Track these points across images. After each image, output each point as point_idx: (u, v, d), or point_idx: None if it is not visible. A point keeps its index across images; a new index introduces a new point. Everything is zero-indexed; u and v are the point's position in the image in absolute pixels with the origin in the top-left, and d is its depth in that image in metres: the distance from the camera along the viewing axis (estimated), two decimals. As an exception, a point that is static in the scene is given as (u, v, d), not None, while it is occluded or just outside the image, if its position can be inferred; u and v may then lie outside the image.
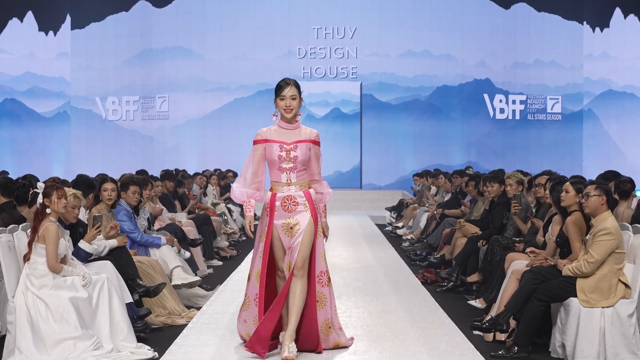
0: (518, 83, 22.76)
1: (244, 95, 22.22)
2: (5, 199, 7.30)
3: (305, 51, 22.25)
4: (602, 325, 5.55)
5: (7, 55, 22.18)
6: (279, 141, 5.56)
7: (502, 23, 22.57)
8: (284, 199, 5.56)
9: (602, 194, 5.83)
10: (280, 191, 5.58)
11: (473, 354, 5.71)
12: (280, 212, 5.55)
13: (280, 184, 5.59)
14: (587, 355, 5.52)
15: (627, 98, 22.18)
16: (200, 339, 6.16)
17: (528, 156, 21.66)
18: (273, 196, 5.58)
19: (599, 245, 5.65)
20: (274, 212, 5.56)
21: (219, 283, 8.83)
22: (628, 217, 7.33)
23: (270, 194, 5.61)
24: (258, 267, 5.61)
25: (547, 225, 7.13)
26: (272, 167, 5.59)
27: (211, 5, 22.26)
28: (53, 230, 5.71)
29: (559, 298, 5.77)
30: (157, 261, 7.54)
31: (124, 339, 5.76)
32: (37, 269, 5.68)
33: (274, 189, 5.62)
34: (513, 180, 8.66)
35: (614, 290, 5.64)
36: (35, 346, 5.42)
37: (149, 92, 22.64)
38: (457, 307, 7.54)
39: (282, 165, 5.56)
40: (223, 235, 12.24)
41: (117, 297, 5.90)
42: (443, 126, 22.39)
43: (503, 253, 7.41)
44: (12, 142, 22.18)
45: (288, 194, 5.57)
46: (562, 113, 22.81)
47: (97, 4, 22.47)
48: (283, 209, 5.55)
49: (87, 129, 22.82)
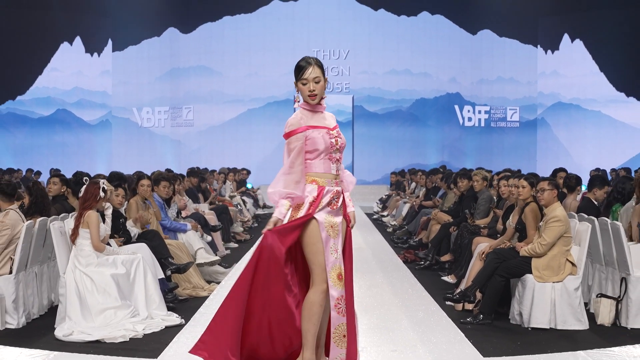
0: (483, 96, 22.77)
1: (256, 106, 22.25)
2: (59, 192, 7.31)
3: (306, 69, 22.13)
4: (552, 297, 5.55)
5: (59, 72, 22.14)
6: (322, 126, 3.93)
7: (470, 46, 22.58)
8: (333, 194, 3.90)
9: (554, 188, 5.85)
10: (329, 184, 3.89)
11: (446, 320, 5.73)
12: (325, 209, 3.86)
13: (329, 176, 3.90)
14: (540, 322, 5.53)
15: (574, 109, 22.18)
16: (220, 308, 6.17)
17: (491, 157, 21.66)
18: (321, 189, 3.86)
19: (550, 230, 5.66)
20: (317, 207, 3.83)
21: (235, 262, 8.85)
22: (574, 207, 7.33)
23: (317, 187, 3.86)
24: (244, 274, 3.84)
25: (506, 214, 7.14)
26: (318, 157, 3.89)
27: (228, 32, 22.28)
28: (95, 216, 5.75)
29: (517, 274, 5.77)
30: (183, 244, 7.56)
31: (156, 307, 5.77)
32: (83, 249, 5.70)
33: (319, 182, 3.88)
34: (479, 177, 8.66)
35: (562, 268, 5.64)
36: (82, 314, 5.42)
37: (177, 103, 22.63)
38: (433, 282, 7.54)
39: (332, 154, 3.93)
40: (238, 222, 12.26)
41: (150, 273, 5.91)
42: (421, 132, 22.42)
43: (470, 237, 7.43)
44: (63, 145, 22.16)
45: (337, 189, 3.93)
46: (520, 121, 22.83)
47: (133, 30, 22.43)
48: (329, 205, 3.87)
49: (126, 134, 22.81)
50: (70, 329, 5.26)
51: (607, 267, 6.10)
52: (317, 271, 3.80)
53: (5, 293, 5.54)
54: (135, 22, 22.25)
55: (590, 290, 6.33)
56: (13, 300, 5.57)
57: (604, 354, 4.77)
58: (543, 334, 5.39)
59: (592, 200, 7.31)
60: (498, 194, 8.21)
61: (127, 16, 22.10)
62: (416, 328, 5.45)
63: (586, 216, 6.40)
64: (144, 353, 4.77)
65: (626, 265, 5.70)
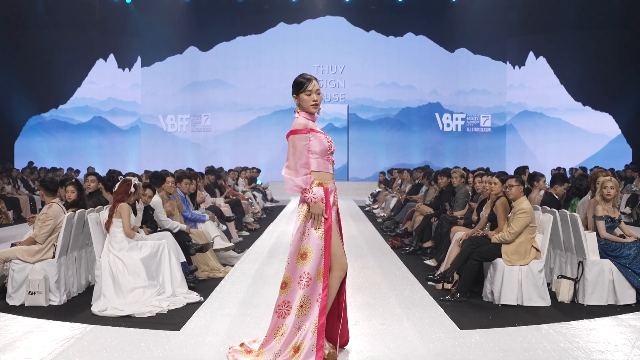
0: (460, 105, 22.73)
1: (264, 114, 22.22)
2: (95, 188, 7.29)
3: (308, 82, 22.20)
4: (519, 278, 5.55)
5: (95, 85, 22.11)
6: (320, 132, 3.84)
7: (449, 62, 22.55)
8: (333, 192, 3.88)
9: (520, 185, 5.84)
10: (329, 184, 3.83)
11: (428, 298, 5.72)
12: (331, 207, 3.83)
13: (328, 176, 3.84)
14: (508, 299, 5.52)
15: (537, 116, 22.16)
16: (234, 287, 6.17)
17: (467, 158, 21.64)
18: (326, 191, 3.78)
19: (517, 221, 5.65)
20: (329, 208, 3.80)
21: (246, 247, 8.85)
22: (538, 201, 7.33)
23: (323, 189, 3.78)
24: (320, 266, 3.72)
25: (479, 207, 7.13)
26: (319, 157, 3.78)
27: (241, 50, 22.28)
28: (126, 208, 5.76)
29: (489, 258, 5.77)
30: (202, 232, 7.55)
31: (178, 286, 5.77)
32: (115, 236, 5.70)
33: (322, 183, 3.80)
34: (457, 175, 8.66)
35: (528, 253, 5.64)
36: (115, 293, 5.42)
37: (197, 111, 22.59)
38: (416, 265, 7.54)
39: (329, 156, 3.84)
40: (249, 214, 12.24)
41: (174, 257, 5.91)
42: (406, 136, 22.40)
43: (449, 226, 7.42)
44: (98, 147, 22.12)
45: (334, 187, 3.91)
46: (491, 127, 22.79)
47: (159, 48, 22.40)
48: (333, 203, 3.86)
49: (153, 138, 22.77)
50: (104, 305, 5.26)
51: (567, 252, 6.10)
52: (334, 259, 3.80)
53: (49, 274, 5.54)
54: (160, 42, 22.22)
55: (552, 272, 6.33)
56: (56, 280, 5.57)
57: (564, 327, 4.77)
58: (511, 310, 5.38)
59: (554, 195, 7.30)
60: (473, 189, 8.20)
61: (154, 37, 22.08)
62: (402, 305, 5.45)
63: (549, 208, 6.39)
64: (168, 326, 4.77)
65: (583, 250, 5.70)
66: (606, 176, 6.05)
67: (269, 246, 9.08)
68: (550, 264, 6.38)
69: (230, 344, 4.17)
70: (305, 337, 3.66)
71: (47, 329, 4.69)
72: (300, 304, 3.70)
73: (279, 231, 11.00)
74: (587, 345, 4.24)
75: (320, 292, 3.70)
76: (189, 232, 7.02)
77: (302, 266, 3.73)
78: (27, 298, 5.47)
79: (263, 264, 7.53)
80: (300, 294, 3.70)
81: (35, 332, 4.57)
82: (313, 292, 3.71)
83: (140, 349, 4.16)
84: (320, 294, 3.70)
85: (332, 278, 3.78)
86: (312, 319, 3.67)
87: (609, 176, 6.03)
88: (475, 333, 4.54)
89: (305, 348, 3.63)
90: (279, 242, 9.59)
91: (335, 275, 3.79)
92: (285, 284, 3.76)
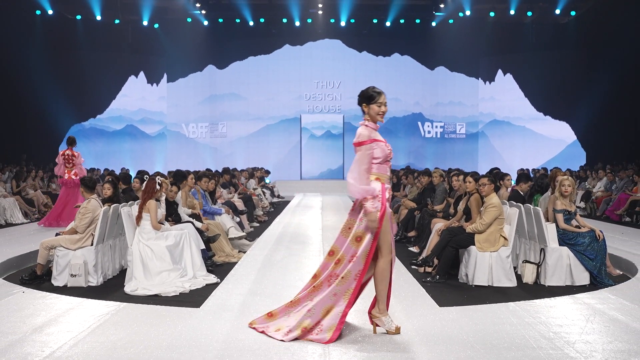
0: (439, 115, 22.73)
1: (272, 123, 22.23)
2: (125, 186, 7.28)
3: (309, 95, 22.24)
4: (490, 263, 5.54)
5: (127, 98, 22.09)
6: (381, 140, 3.81)
7: (430, 78, 22.55)
8: (388, 190, 3.77)
9: (491, 183, 5.82)
10: (387, 182, 3.77)
11: (411, 279, 5.71)
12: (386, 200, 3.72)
13: (385, 176, 3.77)
14: (480, 280, 5.52)
15: (505, 125, 22.14)
16: (246, 270, 6.15)
17: (445, 160, 21.62)
18: (382, 186, 3.71)
19: (488, 214, 5.64)
20: (385, 201, 3.70)
21: (257, 236, 8.83)
22: (506, 197, 7.31)
23: (381, 184, 3.70)
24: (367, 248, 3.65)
25: (456, 202, 7.11)
26: (381, 162, 3.73)
27: (252, 68, 22.27)
28: (154, 204, 5.75)
29: (464, 246, 5.76)
30: (219, 223, 7.54)
31: (198, 269, 5.77)
32: (145, 228, 5.69)
33: (382, 180, 3.73)
34: (437, 174, 8.65)
35: (497, 241, 5.63)
36: (145, 275, 5.41)
37: (214, 120, 22.58)
38: (402, 252, 7.52)
39: (388, 161, 3.81)
40: (259, 208, 12.23)
41: (194, 244, 5.90)
42: (393, 141, 22.25)
43: (430, 219, 7.41)
44: (130, 151, 22.09)
45: (389, 186, 3.82)
46: (466, 134, 22.78)
47: (183, 66, 22.41)
48: (387, 200, 3.74)
49: (177, 144, 22.75)
50: (135, 286, 5.25)
51: (530, 240, 6.09)
52: (385, 246, 3.72)
53: (88, 259, 5.54)
54: (183, 61, 22.22)
55: (518, 257, 6.32)
56: (93, 265, 5.56)
57: (528, 304, 4.75)
58: (483, 290, 5.37)
59: (519, 191, 7.29)
60: (450, 187, 8.19)
61: (178, 56, 22.09)
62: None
63: (515, 203, 6.38)
64: (190, 304, 4.75)
65: (544, 239, 5.69)
66: (564, 175, 6.04)
67: (276, 235, 9.07)
68: (516, 251, 6.37)
69: (249, 321, 4.06)
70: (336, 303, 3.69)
71: (86, 306, 4.67)
72: (342, 276, 3.69)
73: (284, 222, 10.98)
74: (548, 320, 4.23)
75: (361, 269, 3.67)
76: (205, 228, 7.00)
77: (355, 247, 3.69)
78: (69, 280, 5.47)
79: (271, 250, 7.51)
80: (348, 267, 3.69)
81: (76, 309, 4.56)
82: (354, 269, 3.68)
83: (166, 323, 4.14)
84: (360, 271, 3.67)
85: (384, 263, 3.73)
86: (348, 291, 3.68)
87: (566, 175, 6.02)
88: (452, 310, 4.53)
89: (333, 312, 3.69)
90: (284, 232, 9.57)
91: (387, 260, 3.73)
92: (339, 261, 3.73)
